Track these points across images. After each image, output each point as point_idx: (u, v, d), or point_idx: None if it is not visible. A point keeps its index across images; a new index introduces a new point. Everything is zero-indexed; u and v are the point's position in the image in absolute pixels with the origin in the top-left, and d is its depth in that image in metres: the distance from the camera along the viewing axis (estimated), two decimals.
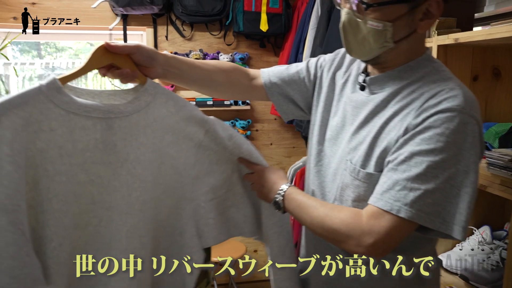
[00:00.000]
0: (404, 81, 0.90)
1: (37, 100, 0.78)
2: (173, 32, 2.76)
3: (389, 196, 0.80)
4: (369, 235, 0.80)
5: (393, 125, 0.86)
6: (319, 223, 0.86)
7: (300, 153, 3.01)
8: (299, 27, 2.51)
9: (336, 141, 0.99)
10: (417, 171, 0.79)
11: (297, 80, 1.10)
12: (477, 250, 1.61)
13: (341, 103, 1.01)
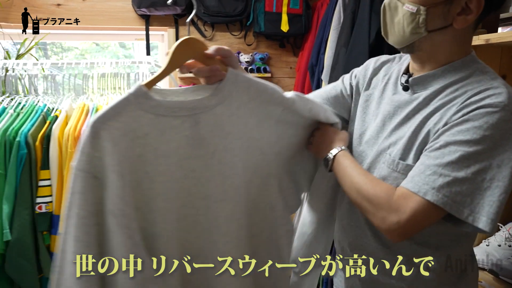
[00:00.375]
0: (448, 80, 0.91)
1: (128, 109, 0.82)
2: (195, 33, 2.79)
3: (418, 179, 0.83)
4: (395, 213, 0.84)
5: (433, 119, 0.88)
6: (356, 189, 0.91)
7: None
8: (321, 28, 2.54)
9: (376, 141, 1.01)
10: (449, 159, 0.81)
11: (335, 94, 1.16)
12: (504, 246, 1.65)
13: (382, 106, 1.04)
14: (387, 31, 0.96)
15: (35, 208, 1.25)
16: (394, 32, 0.93)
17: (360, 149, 1.05)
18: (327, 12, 2.50)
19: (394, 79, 1.03)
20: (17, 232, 1.22)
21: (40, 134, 1.28)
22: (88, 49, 3.48)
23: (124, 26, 2.73)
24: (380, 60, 1.12)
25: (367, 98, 1.08)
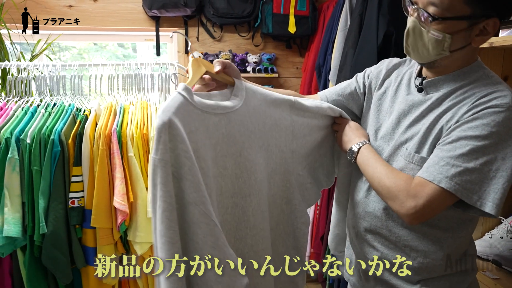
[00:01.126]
0: (458, 84, 1.01)
1: (183, 103, 0.85)
2: (204, 34, 2.86)
3: (433, 170, 0.93)
4: (413, 198, 0.94)
5: (445, 117, 0.99)
6: (378, 178, 1.03)
7: None
8: (327, 29, 2.61)
9: (392, 136, 1.11)
10: (461, 151, 0.91)
11: (350, 91, 1.26)
12: (506, 238, 1.74)
13: (396, 104, 1.13)
14: (409, 51, 1.04)
15: (68, 202, 1.32)
16: (418, 53, 1.02)
17: (377, 144, 1.14)
18: (334, 14, 2.57)
19: (406, 80, 1.13)
20: (52, 225, 1.29)
21: (73, 132, 1.35)
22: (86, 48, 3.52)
23: (135, 27, 2.79)
24: (392, 62, 1.21)
25: (380, 97, 1.18)
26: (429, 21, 0.96)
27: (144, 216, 1.28)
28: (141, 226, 1.28)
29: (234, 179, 0.98)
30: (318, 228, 2.77)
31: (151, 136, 1.32)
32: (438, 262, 1.05)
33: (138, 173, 1.30)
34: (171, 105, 0.82)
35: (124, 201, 1.25)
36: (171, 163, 0.77)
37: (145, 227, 1.27)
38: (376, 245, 1.12)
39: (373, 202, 1.12)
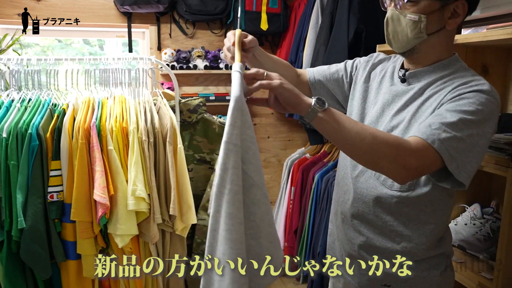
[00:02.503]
0: (438, 74, 1.09)
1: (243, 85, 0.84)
2: (176, 30, 2.86)
3: (425, 131, 0.96)
4: (414, 157, 0.93)
5: (428, 104, 1.06)
6: (371, 135, 0.93)
7: (295, 145, 3.19)
8: (299, 27, 2.67)
9: (376, 125, 1.17)
10: (451, 120, 0.96)
11: (337, 77, 1.32)
12: (469, 224, 1.85)
13: (380, 95, 1.20)
14: (390, 40, 1.12)
15: (47, 197, 1.31)
16: (399, 40, 1.10)
17: None
18: (305, 12, 2.64)
19: (390, 73, 1.22)
20: (31, 220, 1.27)
21: (51, 126, 1.33)
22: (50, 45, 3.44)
23: (106, 23, 2.75)
24: (379, 57, 1.30)
25: (366, 89, 1.25)
26: (404, 4, 1.05)
27: (124, 209, 1.29)
28: (121, 218, 1.28)
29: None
30: (291, 222, 2.83)
31: (130, 129, 1.33)
32: (421, 246, 1.11)
33: (118, 166, 1.30)
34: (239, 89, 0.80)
35: (105, 194, 1.26)
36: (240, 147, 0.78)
37: (125, 219, 1.28)
38: (362, 230, 1.17)
39: (361, 188, 1.16)
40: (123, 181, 1.30)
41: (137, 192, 1.26)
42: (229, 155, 0.77)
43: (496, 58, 1.87)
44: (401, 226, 1.12)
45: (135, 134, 1.30)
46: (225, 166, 0.77)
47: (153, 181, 1.33)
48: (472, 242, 1.74)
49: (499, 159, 1.47)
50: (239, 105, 0.78)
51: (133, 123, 1.31)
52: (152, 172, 1.33)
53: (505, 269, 1.43)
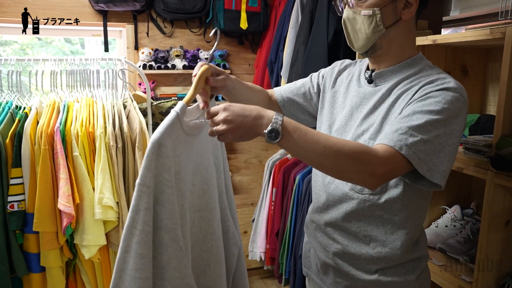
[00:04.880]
0: (404, 74, 1.09)
1: (176, 127, 0.86)
2: (154, 29, 2.78)
3: (392, 137, 0.96)
4: (382, 164, 0.93)
5: (397, 105, 1.05)
6: (336, 150, 0.91)
7: (276, 146, 3.09)
8: (279, 26, 2.62)
9: (345, 128, 1.15)
10: (418, 122, 0.96)
11: (304, 91, 1.32)
12: (450, 226, 1.83)
13: (348, 98, 1.19)
14: (351, 40, 1.13)
15: (7, 206, 1.24)
16: (358, 38, 1.10)
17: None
18: (285, 11, 2.59)
19: (356, 76, 1.21)
20: None
21: (11, 131, 1.26)
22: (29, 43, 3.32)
23: (81, 21, 2.66)
24: (345, 63, 1.31)
25: (333, 95, 1.24)
26: (357, 2, 1.07)
27: (91, 218, 1.22)
28: (88, 228, 1.22)
29: (202, 195, 1.01)
30: (273, 224, 2.79)
31: (97, 134, 1.26)
32: (396, 251, 1.08)
33: (84, 173, 1.24)
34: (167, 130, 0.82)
35: (70, 202, 1.19)
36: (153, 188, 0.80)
37: (92, 229, 1.22)
38: (336, 237, 1.14)
39: (333, 195, 1.14)
40: (89, 189, 1.23)
41: (104, 200, 1.20)
42: (141, 197, 0.78)
43: (475, 58, 1.85)
44: (375, 231, 1.10)
45: (102, 139, 1.23)
46: (137, 207, 0.78)
47: (121, 188, 1.27)
48: (452, 245, 1.72)
49: (478, 161, 1.45)
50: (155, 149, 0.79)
51: (100, 128, 1.25)
52: (120, 179, 1.27)
53: (484, 272, 1.41)
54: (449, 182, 0.99)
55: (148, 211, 0.79)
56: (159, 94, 2.83)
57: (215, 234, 1.07)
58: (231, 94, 1.21)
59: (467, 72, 1.85)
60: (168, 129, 0.83)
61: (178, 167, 0.87)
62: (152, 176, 0.79)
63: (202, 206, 1.03)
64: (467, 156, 1.49)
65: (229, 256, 1.20)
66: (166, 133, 0.82)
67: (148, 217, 0.79)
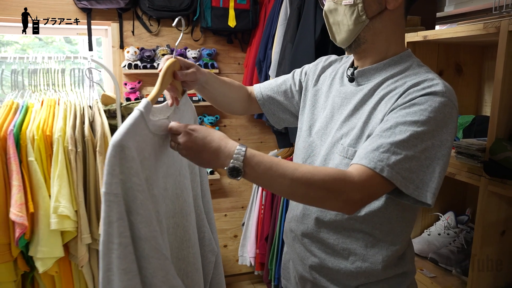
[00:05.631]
0: (388, 73, 1.00)
1: (141, 127, 0.78)
2: (140, 27, 2.70)
3: (373, 156, 0.86)
4: (359, 190, 0.85)
5: (379, 109, 0.96)
6: (305, 182, 0.83)
7: (268, 147, 3.05)
8: (268, 23, 2.53)
9: (325, 131, 1.06)
10: (401, 137, 0.86)
11: (285, 89, 1.23)
12: (443, 234, 1.73)
13: (330, 98, 1.10)
14: (333, 33, 1.04)
15: None
16: (340, 31, 1.01)
17: (310, 140, 1.09)
18: (274, 7, 2.50)
19: (340, 73, 1.11)
20: None
21: None
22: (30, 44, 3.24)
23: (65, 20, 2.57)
24: (330, 59, 1.20)
25: (315, 93, 1.15)
26: None
27: (46, 229, 1.13)
28: (43, 239, 1.12)
29: (175, 199, 0.94)
30: (262, 229, 2.72)
31: (55, 137, 1.17)
32: (377, 266, 0.99)
33: (40, 180, 1.14)
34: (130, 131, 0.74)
35: (22, 212, 1.10)
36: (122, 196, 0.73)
37: (48, 240, 1.13)
38: (313, 249, 1.06)
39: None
40: (45, 197, 1.14)
41: (59, 209, 1.11)
42: (111, 207, 0.71)
43: (470, 56, 1.75)
44: (354, 244, 1.01)
45: (59, 143, 1.14)
46: (109, 219, 0.71)
47: (81, 196, 1.17)
48: (444, 255, 1.62)
49: (471, 166, 1.35)
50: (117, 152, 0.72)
51: (59, 131, 1.15)
52: (80, 186, 1.17)
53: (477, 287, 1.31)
54: (442, 187, 0.90)
55: (121, 221, 0.72)
56: (145, 94, 2.75)
57: (190, 241, 1.00)
58: (205, 89, 1.12)
59: (461, 70, 1.75)
60: (131, 129, 0.75)
61: (148, 170, 0.80)
62: (118, 182, 0.72)
63: (176, 211, 0.96)
64: (459, 160, 1.39)
65: (206, 264, 1.13)
66: (128, 133, 0.74)
67: (123, 227, 0.72)
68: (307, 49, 2.00)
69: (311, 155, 1.09)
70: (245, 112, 1.31)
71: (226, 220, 3.05)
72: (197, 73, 1.04)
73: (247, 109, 1.29)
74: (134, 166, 0.73)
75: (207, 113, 2.87)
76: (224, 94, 1.19)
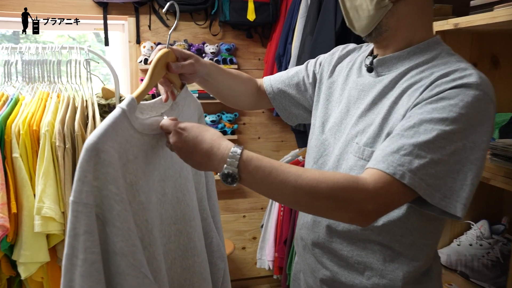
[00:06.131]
0: (413, 62, 0.87)
1: (123, 127, 0.72)
2: (156, 22, 2.65)
3: (392, 160, 0.75)
4: (373, 200, 0.74)
5: (401, 103, 0.84)
6: (310, 190, 0.73)
7: (288, 147, 2.94)
8: (288, 16, 2.43)
9: (339, 127, 0.96)
10: (426, 138, 0.75)
11: (297, 81, 1.12)
12: (475, 245, 1.56)
13: (346, 91, 0.99)
14: (351, 19, 0.92)
15: None
16: (360, 17, 0.90)
17: (323, 137, 0.99)
18: (295, 0, 2.38)
19: (358, 63, 1.00)
20: None
21: None
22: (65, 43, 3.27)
23: (80, 15, 2.55)
24: (347, 48, 1.09)
25: (330, 86, 1.05)
26: None
27: (30, 231, 1.05)
28: (26, 243, 1.05)
29: (176, 204, 0.88)
30: (281, 232, 2.63)
31: (42, 132, 1.09)
32: (397, 283, 0.88)
33: (24, 177, 1.06)
34: (108, 132, 0.68)
35: (4, 212, 1.02)
36: (97, 204, 0.67)
37: (31, 244, 1.05)
38: (325, 261, 0.95)
39: None
40: (29, 196, 1.06)
41: (43, 211, 1.03)
42: (78, 218, 0.65)
43: (508, 47, 1.57)
44: (370, 257, 0.90)
45: (46, 139, 1.06)
46: (74, 231, 0.65)
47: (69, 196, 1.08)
48: (477, 269, 1.45)
49: (508, 170, 1.19)
50: (91, 156, 0.65)
51: (46, 125, 1.07)
52: (68, 185, 1.09)
53: None
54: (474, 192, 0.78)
55: (89, 235, 0.65)
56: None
57: (196, 248, 0.93)
58: (208, 82, 1.02)
59: (498, 63, 1.57)
60: (109, 129, 0.68)
61: (133, 175, 0.73)
62: (90, 191, 0.65)
63: (178, 217, 0.88)
64: (494, 164, 1.23)
65: (214, 271, 1.05)
66: (106, 135, 0.68)
67: (90, 242, 0.65)
68: (327, 41, 1.88)
69: (323, 154, 0.99)
70: (254, 107, 1.21)
71: (245, 221, 2.96)
72: (196, 65, 0.94)
73: (256, 103, 1.19)
74: (111, 171, 0.66)
75: (225, 110, 2.77)
76: (229, 87, 1.09)
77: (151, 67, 0.83)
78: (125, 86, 2.73)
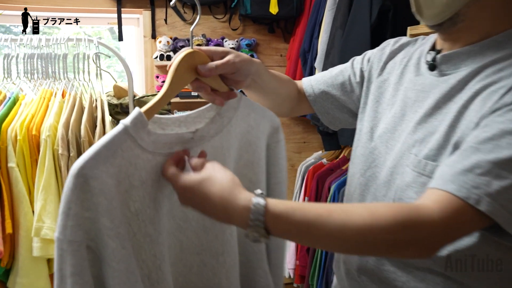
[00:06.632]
0: (487, 59, 0.74)
1: (125, 147, 0.63)
2: (173, 15, 2.55)
3: (465, 180, 0.63)
4: (441, 232, 0.63)
5: (473, 107, 0.71)
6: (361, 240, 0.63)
7: (311, 148, 2.82)
8: (314, 9, 2.31)
9: (393, 135, 0.83)
10: (508, 154, 0.63)
11: (342, 80, 0.99)
12: None
13: (400, 92, 0.86)
14: (419, 4, 0.78)
15: None
16: (433, 3, 0.75)
17: (372, 146, 0.87)
18: None
19: (415, 60, 0.87)
20: None
21: None
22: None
23: (93, 8, 2.45)
24: (400, 41, 0.96)
25: (380, 85, 0.92)
26: None
27: (28, 254, 0.92)
28: (23, 269, 0.91)
29: (202, 233, 0.79)
30: None
31: (43, 138, 0.95)
32: None
33: (22, 191, 0.93)
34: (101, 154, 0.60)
35: None
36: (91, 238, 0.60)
37: (29, 270, 0.92)
38: None
39: None
40: (27, 213, 0.93)
41: (42, 232, 0.89)
42: (64, 258, 0.58)
43: None
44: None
45: (48, 146, 0.91)
46: (61, 273, 0.58)
47: None
48: None
49: None
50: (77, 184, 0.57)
51: (48, 130, 0.93)
52: None
53: None
54: None
55: (77, 277, 0.59)
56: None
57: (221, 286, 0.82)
58: (256, 84, 0.87)
59: None
60: (103, 151, 0.60)
61: (139, 203, 0.65)
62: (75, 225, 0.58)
63: (204, 248, 0.79)
64: None
65: None
66: (96, 158, 0.59)
67: (78, 285, 0.59)
68: (361, 36, 1.74)
69: (372, 165, 0.86)
70: (292, 112, 1.07)
71: None
72: (237, 63, 0.77)
73: (295, 109, 1.05)
74: (102, 202, 0.58)
75: None
76: (274, 91, 0.94)
77: (169, 73, 0.70)
78: (139, 84, 2.62)
